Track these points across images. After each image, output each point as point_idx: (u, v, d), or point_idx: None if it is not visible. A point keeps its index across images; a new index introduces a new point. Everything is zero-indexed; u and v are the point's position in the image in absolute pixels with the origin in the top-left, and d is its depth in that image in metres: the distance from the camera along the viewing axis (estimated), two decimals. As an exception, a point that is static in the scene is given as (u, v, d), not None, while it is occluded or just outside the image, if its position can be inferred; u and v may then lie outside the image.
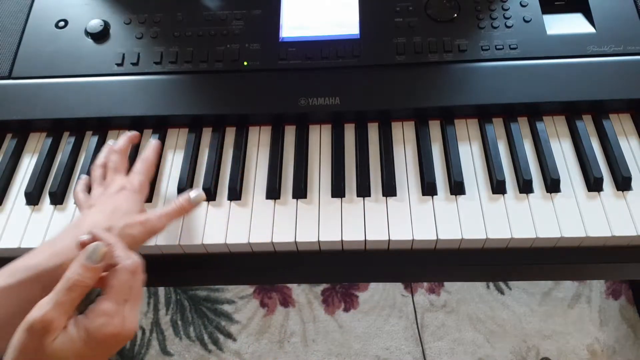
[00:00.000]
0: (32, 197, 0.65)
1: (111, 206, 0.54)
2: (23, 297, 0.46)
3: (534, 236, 0.58)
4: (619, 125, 0.66)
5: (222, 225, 0.61)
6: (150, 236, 0.53)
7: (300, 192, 0.63)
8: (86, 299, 0.41)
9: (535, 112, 0.67)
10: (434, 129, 0.67)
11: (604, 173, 0.61)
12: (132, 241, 0.52)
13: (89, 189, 0.61)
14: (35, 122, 0.70)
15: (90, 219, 0.52)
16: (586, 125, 0.65)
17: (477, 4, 0.71)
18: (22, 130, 0.71)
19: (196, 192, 0.57)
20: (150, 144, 0.64)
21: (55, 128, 0.71)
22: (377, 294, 1.22)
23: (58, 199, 0.65)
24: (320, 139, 0.68)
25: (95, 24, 0.72)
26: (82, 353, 0.39)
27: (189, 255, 0.63)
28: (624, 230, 0.58)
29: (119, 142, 0.63)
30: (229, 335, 1.19)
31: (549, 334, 1.14)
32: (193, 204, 0.57)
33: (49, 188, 0.65)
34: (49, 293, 0.41)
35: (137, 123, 0.69)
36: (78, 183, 0.61)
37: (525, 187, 0.61)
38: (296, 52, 0.69)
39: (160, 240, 0.61)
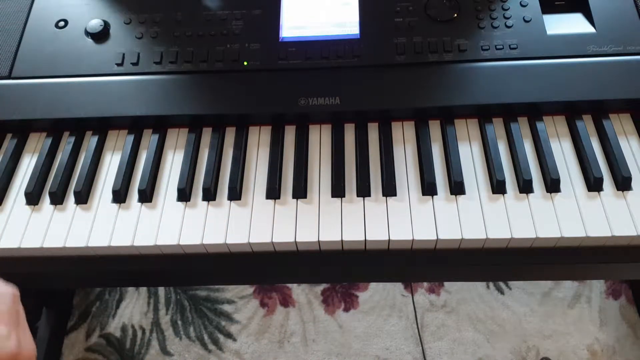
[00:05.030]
0: (32, 197, 0.65)
1: None
2: None
3: (534, 236, 0.58)
4: (619, 125, 0.66)
5: (222, 225, 0.61)
6: None
7: (300, 192, 0.63)
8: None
9: (535, 112, 0.67)
10: (434, 129, 0.67)
11: (604, 173, 0.61)
12: None
13: None
14: (35, 122, 0.70)
15: None
16: (586, 125, 0.65)
17: (477, 4, 0.70)
18: (22, 130, 0.71)
19: None
20: None
21: (55, 128, 0.71)
22: (377, 294, 1.22)
23: (58, 199, 0.65)
24: (320, 139, 0.68)
25: (95, 24, 0.72)
26: None
27: (189, 255, 0.63)
28: (624, 230, 0.58)
29: None
30: (229, 335, 1.18)
31: (549, 334, 1.14)
32: None
33: (49, 188, 0.65)
34: None
35: (137, 123, 0.69)
36: None
37: (525, 187, 0.61)
38: (296, 52, 0.69)
39: (160, 240, 0.61)
